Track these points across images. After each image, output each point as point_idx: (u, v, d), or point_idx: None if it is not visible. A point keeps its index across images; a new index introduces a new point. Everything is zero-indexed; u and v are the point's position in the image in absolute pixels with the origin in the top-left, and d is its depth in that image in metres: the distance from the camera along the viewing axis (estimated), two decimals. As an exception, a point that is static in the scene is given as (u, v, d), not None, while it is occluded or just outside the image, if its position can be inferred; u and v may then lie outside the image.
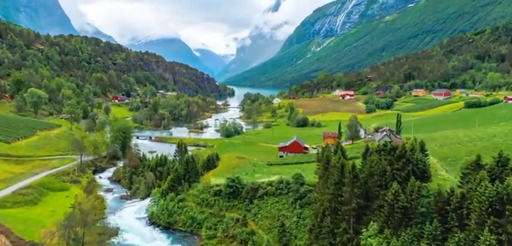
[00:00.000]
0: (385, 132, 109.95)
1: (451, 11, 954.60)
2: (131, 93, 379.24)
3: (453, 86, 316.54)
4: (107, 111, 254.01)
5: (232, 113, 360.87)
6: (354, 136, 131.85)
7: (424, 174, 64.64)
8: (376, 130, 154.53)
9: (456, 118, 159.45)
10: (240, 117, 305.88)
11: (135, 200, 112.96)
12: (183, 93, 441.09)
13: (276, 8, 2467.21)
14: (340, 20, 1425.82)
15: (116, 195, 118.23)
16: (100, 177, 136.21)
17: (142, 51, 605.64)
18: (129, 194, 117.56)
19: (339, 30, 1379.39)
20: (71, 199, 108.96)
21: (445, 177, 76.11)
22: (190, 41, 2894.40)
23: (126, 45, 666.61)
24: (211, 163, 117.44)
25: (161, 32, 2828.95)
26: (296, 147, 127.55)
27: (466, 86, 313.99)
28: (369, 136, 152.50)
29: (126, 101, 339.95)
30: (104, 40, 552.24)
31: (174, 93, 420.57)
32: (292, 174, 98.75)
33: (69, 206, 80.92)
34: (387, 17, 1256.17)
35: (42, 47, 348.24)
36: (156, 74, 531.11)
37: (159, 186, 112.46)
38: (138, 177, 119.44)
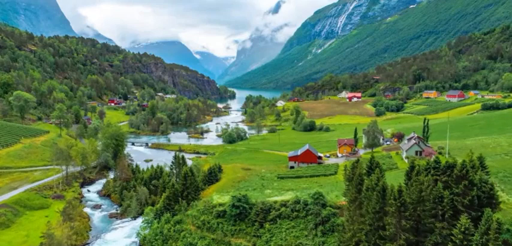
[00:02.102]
0: (414, 141, 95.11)
1: (453, 12, 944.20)
2: (128, 96, 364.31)
3: (465, 87, 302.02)
4: (102, 115, 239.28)
5: (234, 116, 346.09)
6: (373, 143, 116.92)
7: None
8: (395, 136, 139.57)
9: (483, 122, 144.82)
10: (243, 121, 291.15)
11: (125, 219, 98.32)
12: (182, 96, 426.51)
13: (276, 10, 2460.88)
14: (341, 22, 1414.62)
15: (104, 213, 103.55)
16: (88, 191, 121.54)
17: (142, 53, 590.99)
18: (119, 211, 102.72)
19: (340, 31, 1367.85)
20: (51, 219, 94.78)
21: (504, 199, 61.43)
22: (190, 43, 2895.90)
23: (126, 48, 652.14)
24: (213, 176, 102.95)
25: (161, 34, 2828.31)
26: (309, 157, 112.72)
27: (479, 87, 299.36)
28: (387, 142, 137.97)
29: (123, 104, 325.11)
30: (101, 42, 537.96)
31: (174, 96, 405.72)
32: (308, 191, 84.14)
33: (40, 236, 66.31)
34: (389, 18, 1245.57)
35: (35, 49, 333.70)
36: (154, 76, 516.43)
37: (153, 204, 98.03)
38: (129, 192, 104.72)
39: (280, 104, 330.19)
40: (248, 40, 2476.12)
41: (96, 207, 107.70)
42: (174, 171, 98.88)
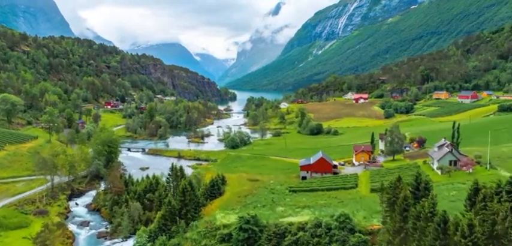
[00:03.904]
0: (447, 148, 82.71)
1: (455, 12, 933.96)
2: (126, 98, 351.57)
3: (476, 88, 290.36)
4: (96, 118, 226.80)
5: (236, 118, 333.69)
6: (395, 150, 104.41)
7: None
8: (416, 141, 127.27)
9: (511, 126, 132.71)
10: (245, 124, 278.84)
11: (115, 239, 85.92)
12: (182, 98, 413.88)
13: (276, 11, 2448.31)
14: (341, 23, 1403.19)
15: (92, 231, 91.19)
16: (76, 205, 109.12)
17: (141, 55, 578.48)
18: (108, 230, 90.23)
19: (340, 32, 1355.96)
20: (28, 242, 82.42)
21: None
22: (190, 45, 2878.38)
23: (127, 51, 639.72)
24: (216, 189, 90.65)
25: (161, 36, 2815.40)
26: (323, 166, 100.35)
27: (491, 87, 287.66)
28: (407, 148, 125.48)
29: (120, 106, 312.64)
30: (99, 43, 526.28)
31: (173, 98, 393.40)
32: (328, 209, 71.70)
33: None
34: (390, 19, 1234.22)
35: (28, 49, 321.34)
36: (153, 78, 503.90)
37: (147, 222, 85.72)
38: (120, 207, 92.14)
39: (284, 106, 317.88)
40: (248, 42, 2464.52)
41: (84, 224, 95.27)
42: (171, 185, 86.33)
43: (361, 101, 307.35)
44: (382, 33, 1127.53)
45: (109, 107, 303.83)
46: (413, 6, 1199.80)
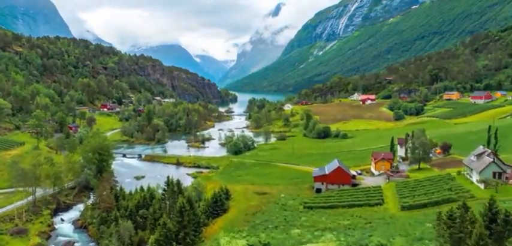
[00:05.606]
0: (488, 157, 70.64)
1: (457, 12, 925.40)
2: (123, 100, 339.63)
3: (488, 87, 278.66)
4: (91, 122, 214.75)
5: (238, 121, 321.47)
6: (422, 158, 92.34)
7: None
8: (439, 147, 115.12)
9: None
10: (247, 127, 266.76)
11: (103, 266, 73.72)
12: (182, 100, 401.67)
13: (276, 12, 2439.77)
14: (342, 23, 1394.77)
15: (77, 254, 79.20)
16: (62, 221, 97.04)
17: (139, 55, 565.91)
18: (95, 253, 78.18)
19: (341, 33, 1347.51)
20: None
21: None
22: (190, 47, 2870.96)
23: (127, 52, 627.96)
24: (219, 205, 78.76)
25: (161, 38, 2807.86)
26: (341, 176, 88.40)
27: (504, 87, 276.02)
28: (429, 155, 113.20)
29: (117, 109, 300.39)
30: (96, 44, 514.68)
31: (172, 100, 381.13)
32: (354, 232, 59.74)
33: None
34: (391, 19, 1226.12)
35: (21, 50, 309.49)
36: (152, 79, 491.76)
37: (140, 245, 73.82)
38: (109, 227, 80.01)
39: (288, 107, 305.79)
40: (248, 43, 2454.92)
41: (68, 245, 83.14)
42: (167, 203, 74.20)
43: (369, 102, 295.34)
44: (383, 34, 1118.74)
45: (105, 109, 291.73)
46: (414, 6, 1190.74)
